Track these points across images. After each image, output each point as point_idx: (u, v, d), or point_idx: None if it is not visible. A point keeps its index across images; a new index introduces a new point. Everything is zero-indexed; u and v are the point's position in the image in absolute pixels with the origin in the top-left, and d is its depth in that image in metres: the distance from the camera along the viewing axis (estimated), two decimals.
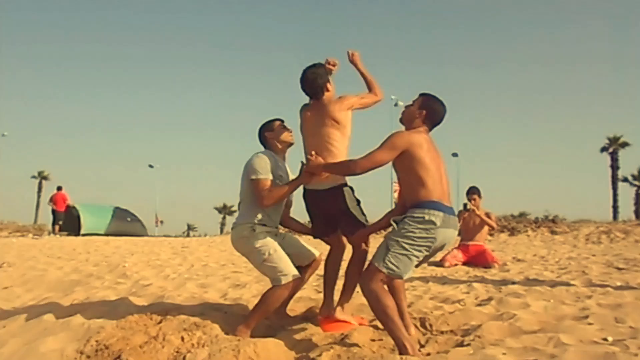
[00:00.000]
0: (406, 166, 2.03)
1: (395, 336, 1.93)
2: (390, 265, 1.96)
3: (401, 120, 2.25)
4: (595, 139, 42.49)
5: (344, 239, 2.43)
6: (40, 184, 36.69)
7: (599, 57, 50.98)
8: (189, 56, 55.41)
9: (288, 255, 2.32)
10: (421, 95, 2.23)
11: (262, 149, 2.46)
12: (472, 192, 5.43)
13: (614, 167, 29.79)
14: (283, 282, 2.21)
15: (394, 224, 2.03)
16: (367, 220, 2.35)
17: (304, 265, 2.45)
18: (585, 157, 50.50)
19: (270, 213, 2.34)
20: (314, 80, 2.33)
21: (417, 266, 2.07)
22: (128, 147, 56.67)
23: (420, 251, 1.98)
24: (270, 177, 2.28)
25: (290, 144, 2.48)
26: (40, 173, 36.72)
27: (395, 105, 20.73)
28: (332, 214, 2.33)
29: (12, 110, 48.41)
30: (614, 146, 29.94)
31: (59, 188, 13.30)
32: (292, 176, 2.44)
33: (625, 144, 29.85)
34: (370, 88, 2.48)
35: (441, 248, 2.06)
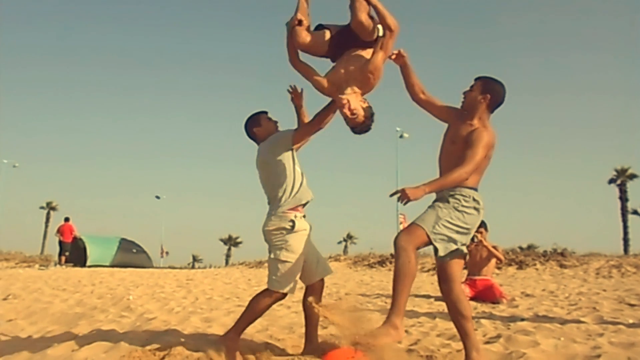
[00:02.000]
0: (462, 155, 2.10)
1: (395, 312, 1.92)
2: (439, 237, 2.00)
3: (463, 107, 2.24)
4: (603, 171, 42.29)
5: None
6: (48, 214, 37.02)
7: (606, 88, 51.73)
8: (195, 86, 57.23)
9: (306, 261, 2.35)
10: (478, 79, 2.23)
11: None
12: (479, 225, 5.42)
13: (623, 199, 29.42)
14: (274, 287, 2.26)
15: (445, 195, 2.09)
16: None
17: (312, 284, 2.44)
18: (593, 188, 49.96)
19: (300, 190, 2.35)
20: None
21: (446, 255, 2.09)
22: (135, 178, 57.48)
23: (467, 230, 2.08)
24: (292, 130, 2.39)
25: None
26: (48, 204, 37.11)
27: (401, 137, 21.04)
28: None
29: (23, 141, 49.79)
30: (622, 178, 29.72)
31: (67, 219, 13.45)
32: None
33: (633, 176, 29.63)
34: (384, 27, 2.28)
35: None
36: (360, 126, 2.31)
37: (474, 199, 2.13)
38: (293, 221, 2.29)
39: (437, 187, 2.06)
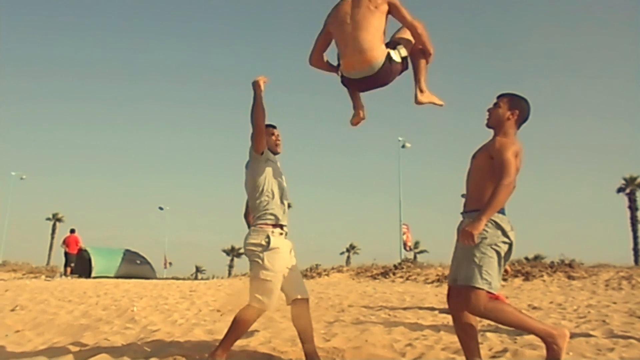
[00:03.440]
0: (496, 172, 2.04)
1: (540, 331, 1.92)
2: (491, 280, 1.99)
3: (488, 125, 2.21)
4: (611, 179, 41.70)
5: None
6: (54, 225, 37.28)
7: (612, 97, 51.44)
8: (198, 98, 57.79)
9: (288, 280, 2.40)
10: (503, 96, 2.21)
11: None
12: None
13: (633, 208, 28.95)
14: (256, 304, 2.33)
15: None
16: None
17: (296, 299, 2.47)
18: (601, 197, 49.22)
19: (283, 208, 2.46)
20: None
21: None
22: (139, 190, 57.85)
23: (504, 257, 2.04)
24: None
25: (275, 153, 2.60)
26: (54, 215, 37.40)
27: (403, 147, 21.04)
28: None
29: (29, 153, 50.50)
30: (630, 187, 29.29)
31: (72, 231, 13.54)
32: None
33: None
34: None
35: (510, 253, 2.12)
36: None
37: (497, 225, 2.03)
38: (269, 237, 2.35)
39: (491, 212, 2.00)
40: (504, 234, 2.05)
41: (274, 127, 2.64)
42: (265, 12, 58.29)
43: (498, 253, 2.03)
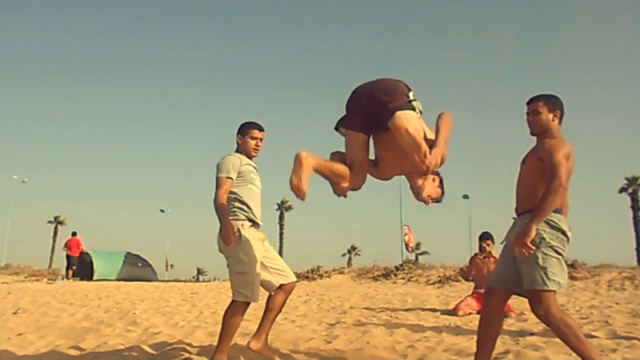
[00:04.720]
0: (546, 174, 2.00)
1: (583, 353, 1.92)
2: (558, 280, 1.98)
3: (532, 132, 2.16)
4: (613, 179, 41.58)
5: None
6: (55, 228, 37.37)
7: (614, 96, 51.34)
8: (200, 98, 57.87)
9: (269, 270, 2.41)
10: (537, 100, 2.14)
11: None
12: (486, 237, 5.38)
13: (635, 208, 28.85)
14: (239, 298, 2.33)
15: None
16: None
17: (280, 285, 2.49)
18: (603, 197, 49.08)
19: (252, 206, 2.45)
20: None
21: None
22: (140, 192, 57.98)
23: (564, 253, 2.03)
24: (232, 176, 2.40)
25: (251, 156, 2.53)
26: (56, 218, 37.49)
27: None
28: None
29: (31, 156, 50.65)
30: (633, 186, 29.20)
31: (74, 234, 13.58)
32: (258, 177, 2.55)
33: None
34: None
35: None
36: (439, 199, 2.45)
37: (555, 226, 2.00)
38: (239, 230, 2.36)
39: (541, 217, 1.97)
40: (564, 233, 2.03)
41: (261, 129, 2.53)
42: (273, 8, 58.41)
43: (559, 253, 2.02)
